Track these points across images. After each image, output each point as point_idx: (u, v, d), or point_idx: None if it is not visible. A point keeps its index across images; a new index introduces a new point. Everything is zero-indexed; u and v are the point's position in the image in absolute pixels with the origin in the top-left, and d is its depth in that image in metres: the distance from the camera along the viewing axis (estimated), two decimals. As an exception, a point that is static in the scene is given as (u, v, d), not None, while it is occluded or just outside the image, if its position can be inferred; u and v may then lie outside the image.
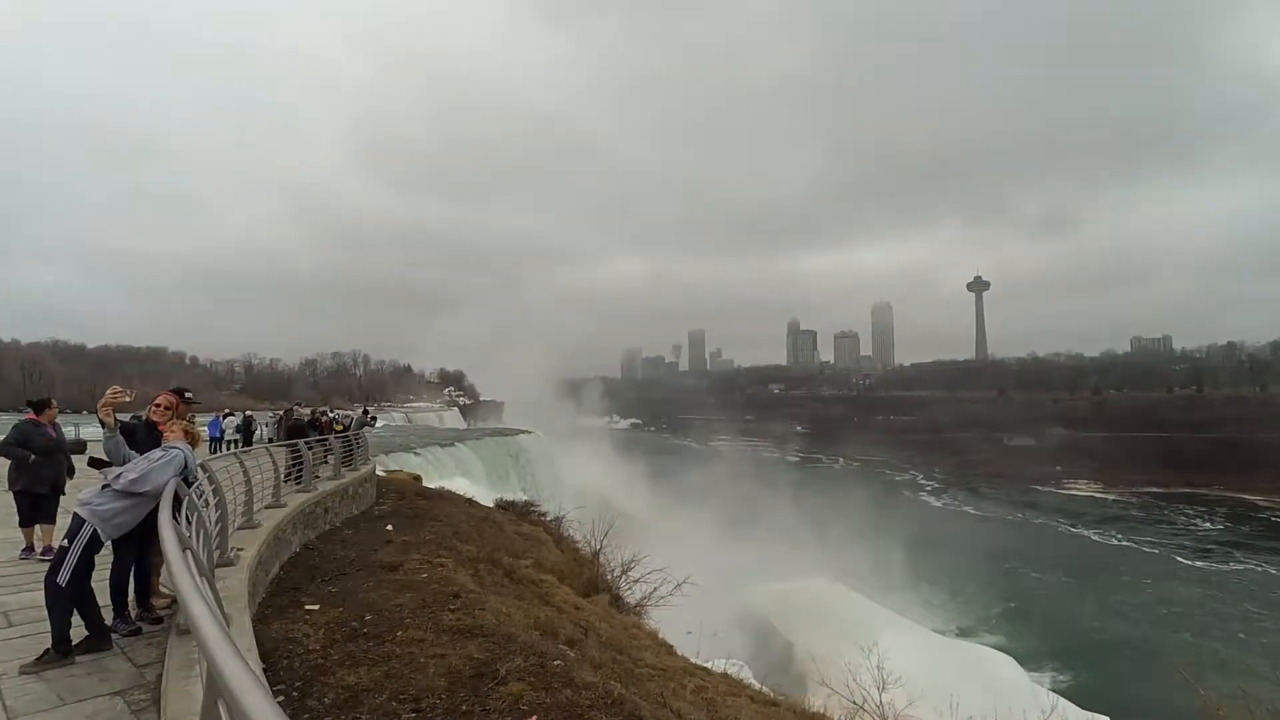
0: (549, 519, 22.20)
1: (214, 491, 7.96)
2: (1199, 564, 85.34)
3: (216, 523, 7.68)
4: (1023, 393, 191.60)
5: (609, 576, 16.55)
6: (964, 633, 62.84)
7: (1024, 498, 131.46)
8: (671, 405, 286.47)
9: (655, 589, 15.63)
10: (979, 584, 75.81)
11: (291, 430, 17.84)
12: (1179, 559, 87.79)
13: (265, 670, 6.22)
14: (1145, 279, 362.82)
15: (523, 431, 69.96)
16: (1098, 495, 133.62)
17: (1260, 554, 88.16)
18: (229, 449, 20.54)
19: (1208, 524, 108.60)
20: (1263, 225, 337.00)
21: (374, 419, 27.41)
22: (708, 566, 47.22)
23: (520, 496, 31.68)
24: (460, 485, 29.80)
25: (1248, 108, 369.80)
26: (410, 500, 19.23)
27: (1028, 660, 55.97)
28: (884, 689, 12.13)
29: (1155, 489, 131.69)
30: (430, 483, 29.83)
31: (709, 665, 14.58)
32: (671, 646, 12.59)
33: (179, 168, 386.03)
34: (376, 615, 8.48)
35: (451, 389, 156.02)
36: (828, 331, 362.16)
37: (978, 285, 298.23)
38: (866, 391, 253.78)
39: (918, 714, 14.98)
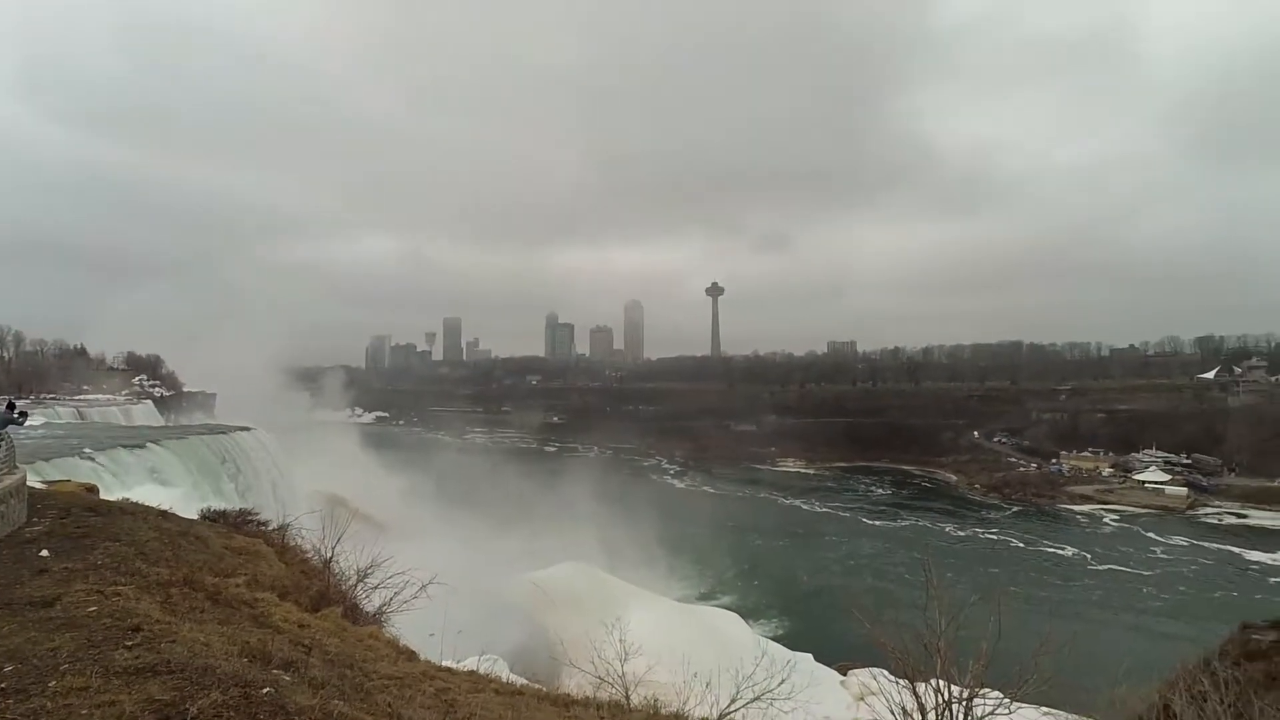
0: (271, 528, 19.42)
1: None
2: (877, 523, 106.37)
3: None
4: (747, 385, 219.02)
5: (343, 586, 15.03)
6: (704, 596, 70.77)
7: (748, 475, 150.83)
8: (423, 397, 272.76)
9: (397, 594, 14.55)
10: (718, 553, 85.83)
11: None
12: (863, 520, 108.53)
13: None
14: (839, 293, 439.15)
15: (240, 428, 60.55)
16: (803, 470, 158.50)
17: (917, 512, 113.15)
18: None
19: (880, 490, 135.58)
20: (920, 259, 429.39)
21: (23, 415, 21.45)
22: (462, 563, 46.11)
23: (235, 504, 27.38)
24: (153, 495, 24.75)
25: (911, 166, 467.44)
26: (78, 517, 15.44)
27: (754, 614, 64.91)
28: (626, 660, 12.77)
29: (843, 464, 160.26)
30: (110, 494, 24.49)
31: (457, 665, 14.07)
32: (413, 652, 11.85)
33: None
34: (20, 665, 6.83)
35: (144, 378, 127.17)
36: (584, 325, 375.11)
37: (714, 290, 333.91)
38: (618, 384, 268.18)
39: (656, 678, 16.03)
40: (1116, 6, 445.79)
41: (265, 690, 6.49)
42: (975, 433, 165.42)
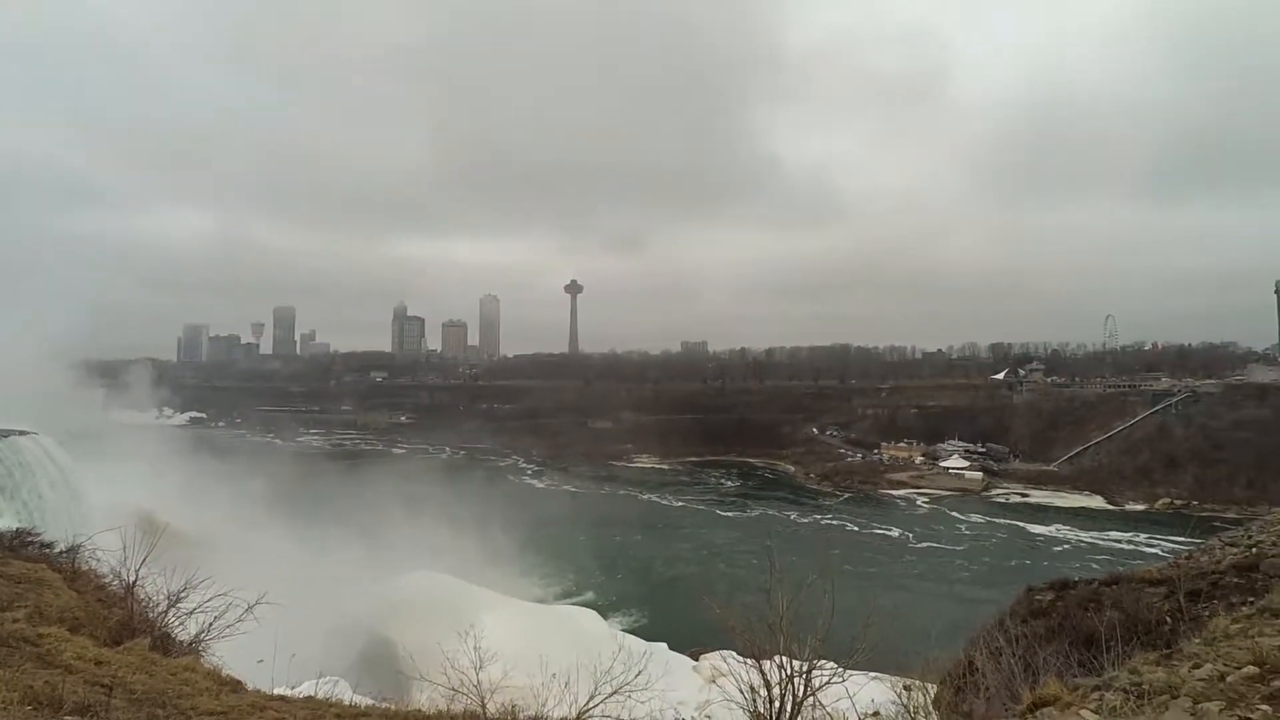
0: (58, 551, 16.57)
1: None
2: (729, 514, 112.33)
3: None
4: (604, 383, 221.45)
5: (151, 614, 13.17)
6: (564, 595, 70.79)
7: (606, 472, 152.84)
8: (249, 395, 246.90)
9: (218, 618, 12.96)
10: (576, 550, 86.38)
11: None
12: (717, 511, 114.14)
13: None
14: (691, 295, 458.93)
15: (15, 432, 51.22)
16: (658, 466, 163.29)
17: (763, 501, 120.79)
18: None
19: (729, 482, 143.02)
20: (766, 265, 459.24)
21: None
22: (298, 579, 42.57)
23: (11, 524, 23.11)
24: (-109, 519, 20.35)
25: (760, 178, 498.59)
26: None
27: (613, 608, 66.06)
28: (481, 667, 12.36)
29: (695, 458, 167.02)
30: None
31: (292, 691, 12.89)
32: (239, 682, 10.66)
33: None
34: None
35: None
36: (436, 319, 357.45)
37: (573, 288, 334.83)
38: (473, 381, 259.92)
39: (513, 682, 15.72)
40: (933, 54, 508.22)
41: (53, 743, 5.54)
42: (814, 428, 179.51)
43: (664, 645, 44.87)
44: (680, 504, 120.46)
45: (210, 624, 12.86)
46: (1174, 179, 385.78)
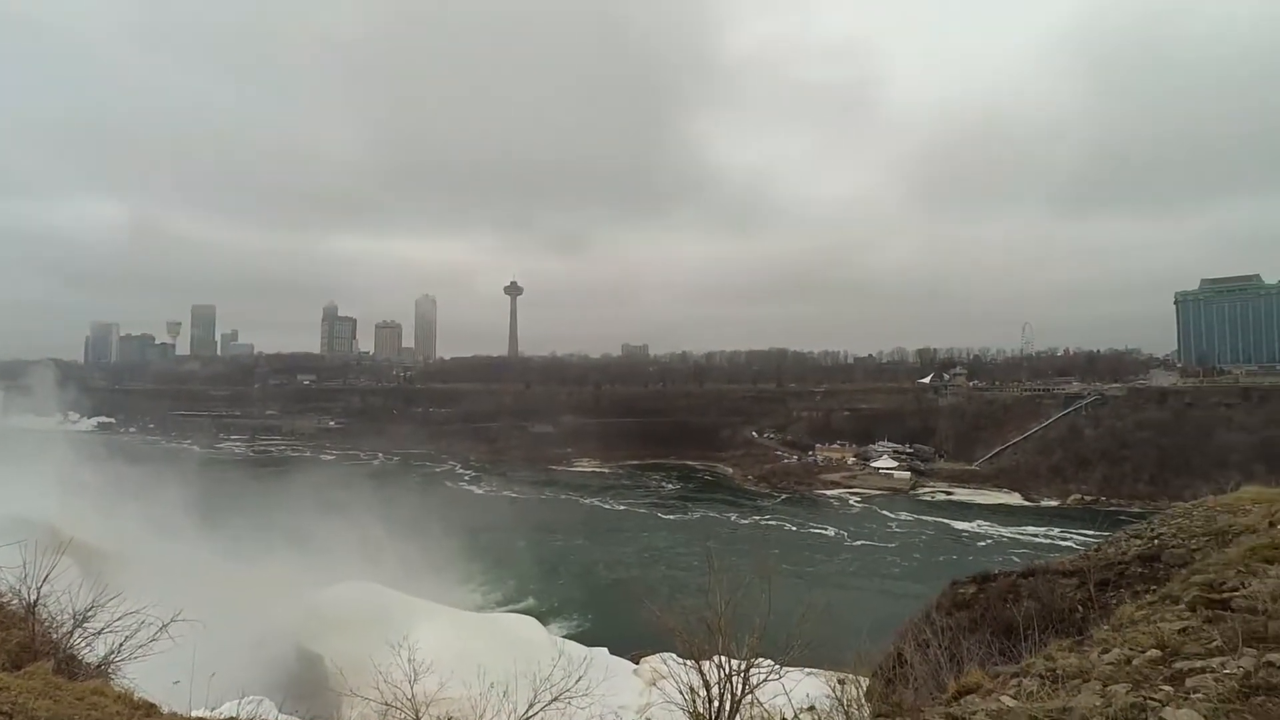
0: (-55, 569, 15.18)
1: None
2: (670, 516, 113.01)
3: None
4: (544, 386, 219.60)
5: (55, 635, 12.21)
6: (504, 602, 69.70)
7: (546, 477, 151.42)
8: (164, 399, 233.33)
9: (129, 638, 12.10)
10: (517, 557, 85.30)
11: None
12: (658, 514, 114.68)
13: None
14: (633, 298, 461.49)
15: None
16: (599, 469, 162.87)
17: (703, 504, 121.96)
18: None
19: (670, 485, 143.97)
20: (705, 269, 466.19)
21: None
22: (218, 593, 40.33)
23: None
24: None
25: (699, 184, 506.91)
26: None
27: (554, 614, 65.36)
28: (415, 680, 12.03)
29: (636, 461, 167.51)
30: None
31: (212, 714, 12.20)
32: (153, 706, 9.98)
33: None
34: None
35: None
36: (369, 320, 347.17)
37: (513, 289, 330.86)
38: (407, 384, 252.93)
39: (450, 694, 15.41)
40: (863, 69, 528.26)
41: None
42: (752, 431, 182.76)
43: (604, 650, 44.76)
44: (622, 507, 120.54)
45: (121, 644, 12.00)
46: (1086, 194, 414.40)
